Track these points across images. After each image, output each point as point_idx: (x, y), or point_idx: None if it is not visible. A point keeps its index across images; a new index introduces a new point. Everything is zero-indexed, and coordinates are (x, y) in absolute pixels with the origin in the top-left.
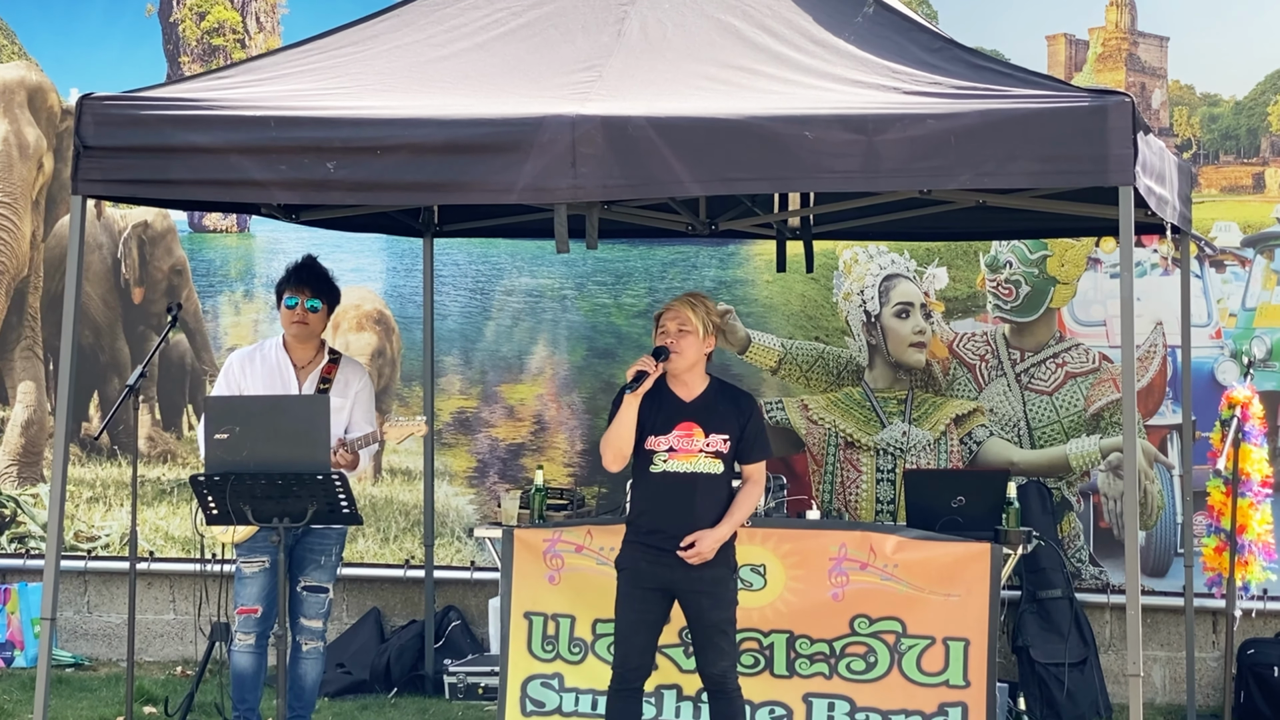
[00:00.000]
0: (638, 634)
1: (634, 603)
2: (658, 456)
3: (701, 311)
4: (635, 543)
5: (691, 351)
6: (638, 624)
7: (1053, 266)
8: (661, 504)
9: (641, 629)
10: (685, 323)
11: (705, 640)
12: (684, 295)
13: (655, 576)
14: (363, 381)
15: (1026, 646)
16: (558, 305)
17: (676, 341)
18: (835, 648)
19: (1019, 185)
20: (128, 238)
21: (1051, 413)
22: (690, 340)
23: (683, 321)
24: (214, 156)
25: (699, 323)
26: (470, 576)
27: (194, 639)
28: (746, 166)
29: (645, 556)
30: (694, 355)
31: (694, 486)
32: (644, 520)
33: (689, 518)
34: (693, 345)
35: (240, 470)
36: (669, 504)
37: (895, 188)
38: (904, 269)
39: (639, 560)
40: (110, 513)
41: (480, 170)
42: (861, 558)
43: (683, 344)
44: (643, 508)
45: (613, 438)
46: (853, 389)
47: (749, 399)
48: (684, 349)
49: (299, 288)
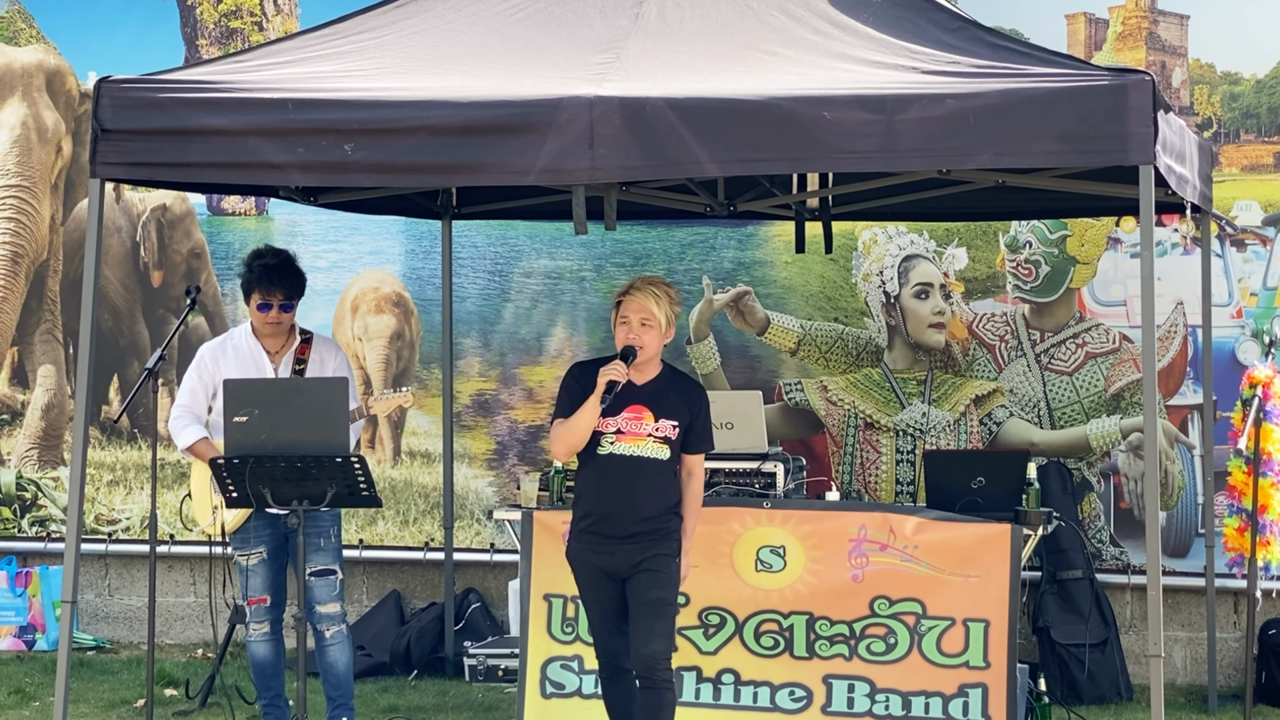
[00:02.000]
0: (605, 622)
1: (594, 594)
2: (605, 438)
3: (665, 305)
4: (580, 533)
5: (653, 346)
6: (602, 614)
7: (1073, 246)
8: (604, 487)
9: (607, 618)
10: (649, 318)
11: (640, 619)
12: (647, 283)
13: (602, 564)
14: (339, 358)
15: (1047, 627)
16: (576, 287)
17: (639, 336)
18: (855, 629)
19: (1038, 165)
20: (146, 221)
21: (1072, 393)
22: (653, 335)
23: (646, 316)
24: (232, 139)
25: (662, 318)
26: (490, 559)
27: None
28: (765, 147)
29: (589, 547)
30: (654, 349)
31: (639, 471)
32: (587, 504)
33: (630, 502)
34: (654, 340)
35: (259, 453)
36: (612, 488)
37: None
38: (923, 249)
39: (584, 552)
40: (130, 496)
41: (498, 152)
42: (881, 539)
43: (645, 339)
44: (584, 490)
45: (569, 434)
46: (872, 370)
47: (700, 389)
48: (646, 344)
49: (270, 291)
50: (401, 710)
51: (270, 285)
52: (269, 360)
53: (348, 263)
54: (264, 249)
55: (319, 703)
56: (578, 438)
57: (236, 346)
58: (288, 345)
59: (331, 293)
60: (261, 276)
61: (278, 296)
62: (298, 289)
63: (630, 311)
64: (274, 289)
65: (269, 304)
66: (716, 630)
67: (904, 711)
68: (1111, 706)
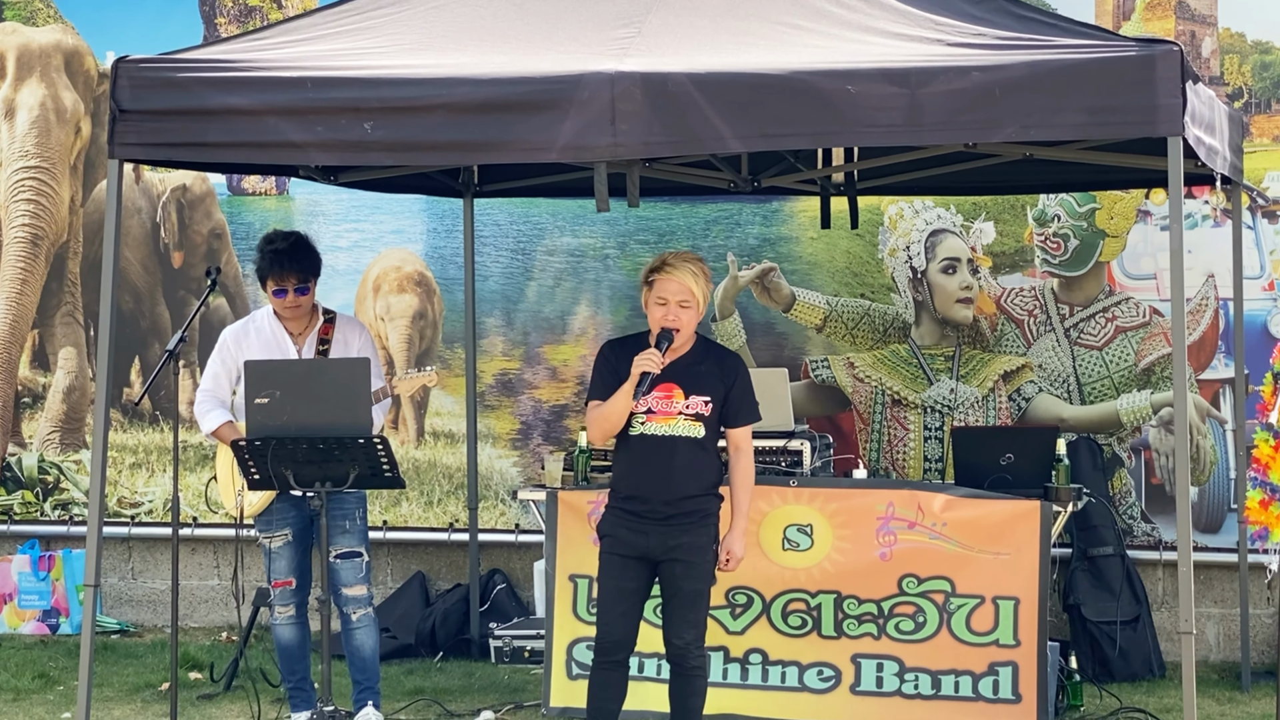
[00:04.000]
0: (618, 603)
1: (613, 570)
2: (636, 419)
3: (702, 282)
4: (615, 509)
5: (690, 326)
6: (617, 592)
7: (1101, 219)
8: (640, 468)
9: (621, 598)
10: (687, 299)
11: (675, 609)
12: (683, 260)
13: (634, 544)
14: (363, 337)
15: (1078, 604)
16: (600, 265)
17: (678, 317)
18: (883, 608)
19: (1066, 137)
20: (166, 202)
21: (1101, 368)
22: (690, 315)
23: (685, 297)
24: (251, 118)
25: (700, 296)
26: (515, 539)
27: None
28: (789, 122)
29: (624, 524)
30: (691, 330)
31: (673, 450)
32: (623, 485)
33: (668, 483)
34: (692, 320)
35: (281, 435)
36: (647, 468)
37: (939, 142)
38: (950, 224)
39: (618, 528)
40: (153, 479)
41: (519, 129)
42: (909, 516)
43: (684, 319)
44: (622, 472)
45: (603, 421)
46: (899, 346)
47: (735, 360)
48: (685, 325)
49: (283, 277)
50: (427, 693)
51: (282, 270)
52: (292, 342)
53: (369, 242)
54: (274, 234)
55: (344, 686)
56: (612, 424)
57: (259, 329)
58: (311, 326)
59: (353, 272)
60: (273, 263)
61: (291, 281)
62: (312, 270)
63: (668, 292)
64: (286, 274)
65: (284, 289)
66: (744, 610)
67: (933, 690)
68: (1143, 684)
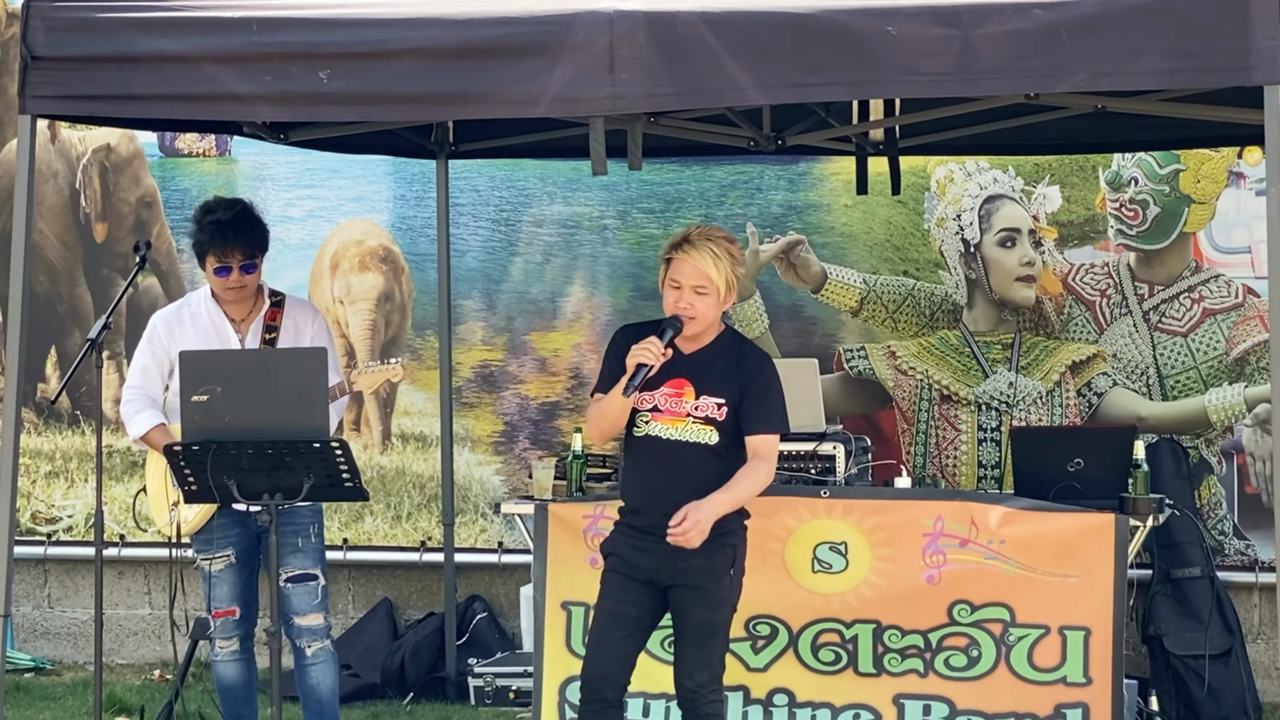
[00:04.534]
0: (611, 629)
1: (612, 591)
2: (640, 417)
3: (725, 265)
4: (621, 524)
5: (708, 315)
6: (613, 617)
7: (1187, 183)
8: (641, 476)
9: (616, 624)
10: (703, 284)
11: (685, 644)
12: (704, 239)
13: (638, 565)
14: (317, 323)
15: (1159, 635)
16: (597, 238)
17: (692, 305)
18: (931, 640)
19: (1144, 86)
20: (87, 165)
21: (1186, 357)
22: (707, 302)
23: (700, 283)
24: (186, 66)
25: (720, 281)
26: (498, 560)
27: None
28: (819, 69)
29: (629, 541)
30: (711, 317)
31: (680, 456)
32: (627, 494)
33: (671, 496)
34: (710, 308)
35: (223, 438)
36: (648, 476)
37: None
38: (1008, 189)
39: (622, 544)
40: (73, 490)
41: (501, 78)
42: (961, 533)
43: (698, 307)
44: (626, 479)
45: (600, 417)
46: (949, 332)
47: (758, 357)
48: (699, 313)
49: (227, 252)
50: None
51: (225, 244)
52: (233, 329)
53: (326, 212)
54: (213, 202)
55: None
56: (609, 421)
57: (195, 314)
58: (255, 311)
59: (307, 248)
60: (214, 235)
61: (236, 256)
62: (259, 244)
63: (681, 275)
64: (231, 248)
65: (227, 266)
66: (767, 643)
67: None
68: None
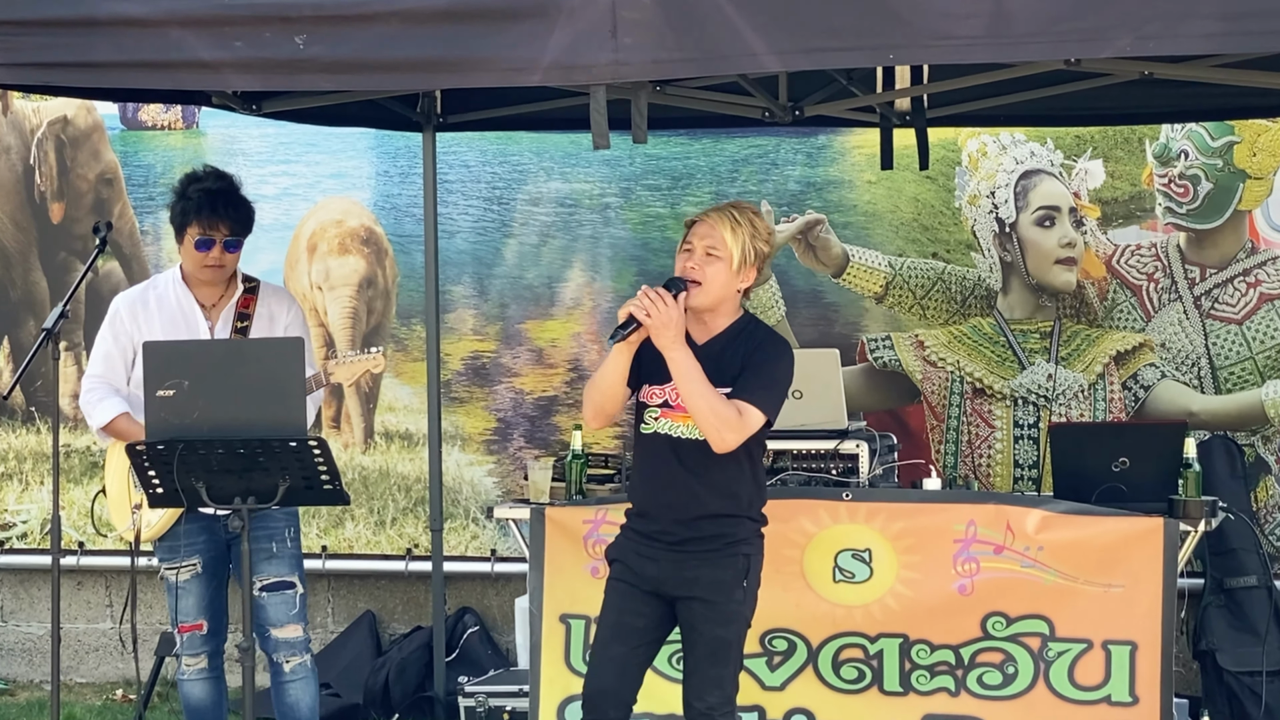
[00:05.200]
0: (615, 642)
1: (615, 600)
2: (648, 413)
3: (744, 234)
4: (627, 529)
5: (718, 284)
6: (617, 629)
7: (1241, 157)
8: (648, 476)
9: (620, 637)
10: (717, 245)
11: (695, 662)
12: (727, 206)
13: (644, 573)
14: (293, 312)
15: (1212, 650)
16: (598, 217)
17: (701, 268)
18: (963, 656)
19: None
20: (43, 138)
21: (1242, 347)
22: (719, 269)
23: (714, 244)
24: (149, 31)
25: (736, 248)
26: (490, 570)
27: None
28: (840, 33)
29: (634, 547)
30: (720, 290)
31: (686, 457)
32: (634, 497)
33: (681, 496)
34: (721, 276)
35: (190, 436)
36: (655, 477)
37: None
38: (1047, 163)
39: (627, 551)
40: (27, 493)
41: (494, 43)
42: (996, 539)
43: (708, 272)
44: (634, 481)
45: (592, 388)
46: (982, 320)
47: (770, 340)
48: (708, 279)
49: (213, 224)
50: None
51: (214, 215)
52: (202, 315)
53: (303, 189)
54: (201, 171)
55: None
56: (600, 393)
57: (162, 298)
58: (227, 296)
59: (282, 228)
60: (203, 204)
61: (221, 230)
62: (244, 223)
63: (695, 236)
64: (218, 220)
65: (210, 239)
66: (784, 659)
67: None
68: None
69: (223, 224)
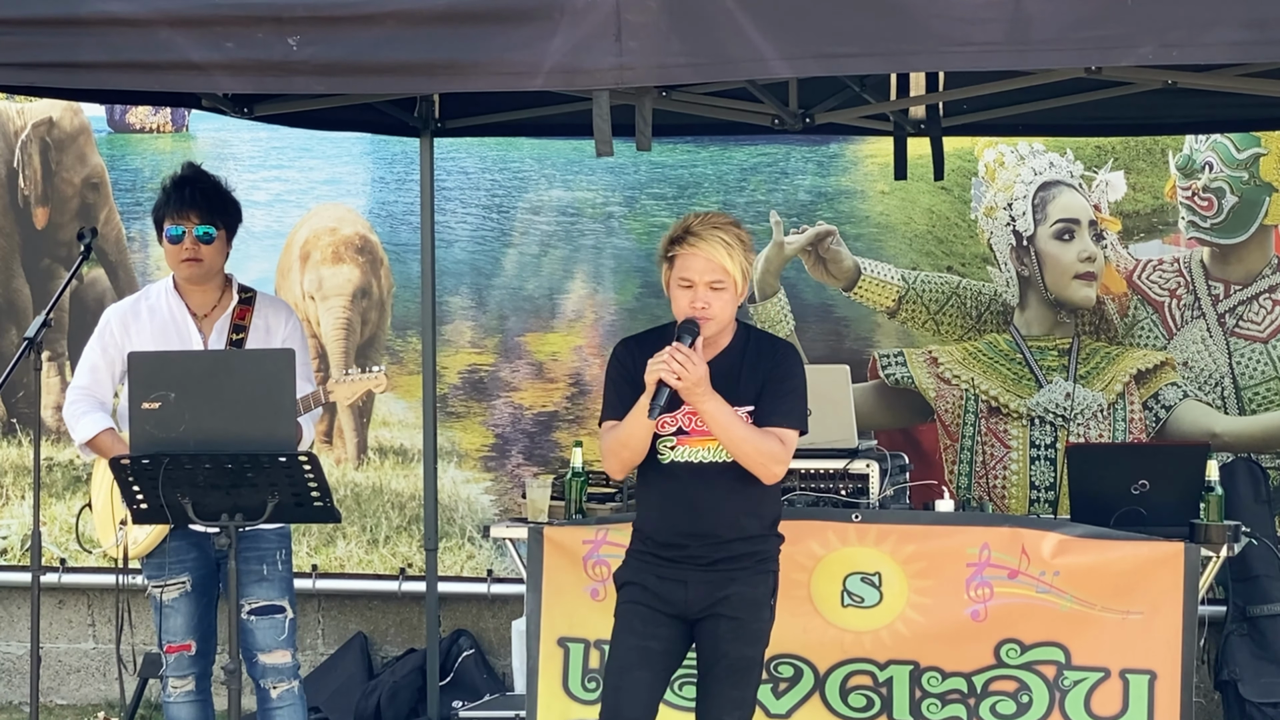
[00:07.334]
0: (637, 668)
1: (634, 624)
2: (663, 443)
3: (738, 255)
4: (642, 553)
5: (727, 313)
6: (638, 654)
7: (1268, 169)
8: (670, 507)
9: (643, 662)
10: (720, 279)
11: (715, 682)
12: (711, 227)
13: (668, 597)
14: (290, 325)
15: (1234, 681)
16: (601, 227)
17: (708, 304)
18: (975, 684)
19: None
20: (27, 141)
21: (1267, 366)
22: (724, 299)
23: (717, 277)
24: (138, 31)
25: (737, 273)
26: (486, 591)
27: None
28: (852, 38)
29: (655, 570)
30: (729, 316)
31: (716, 481)
32: (652, 527)
33: (713, 522)
34: (727, 305)
35: (177, 450)
36: (679, 507)
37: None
38: (1066, 174)
39: (645, 574)
40: (7, 508)
41: (494, 46)
42: (1010, 563)
43: (715, 306)
44: (646, 507)
45: (621, 449)
46: (998, 336)
47: (781, 348)
48: (716, 312)
49: (182, 212)
50: None
51: (181, 203)
52: (195, 326)
53: (295, 196)
54: (183, 166)
55: None
56: (633, 451)
57: (154, 308)
58: (221, 306)
59: (274, 236)
60: (170, 193)
61: (191, 219)
62: (219, 212)
63: (693, 271)
64: (186, 209)
65: (180, 229)
66: (790, 686)
67: None
68: None
69: (191, 212)
